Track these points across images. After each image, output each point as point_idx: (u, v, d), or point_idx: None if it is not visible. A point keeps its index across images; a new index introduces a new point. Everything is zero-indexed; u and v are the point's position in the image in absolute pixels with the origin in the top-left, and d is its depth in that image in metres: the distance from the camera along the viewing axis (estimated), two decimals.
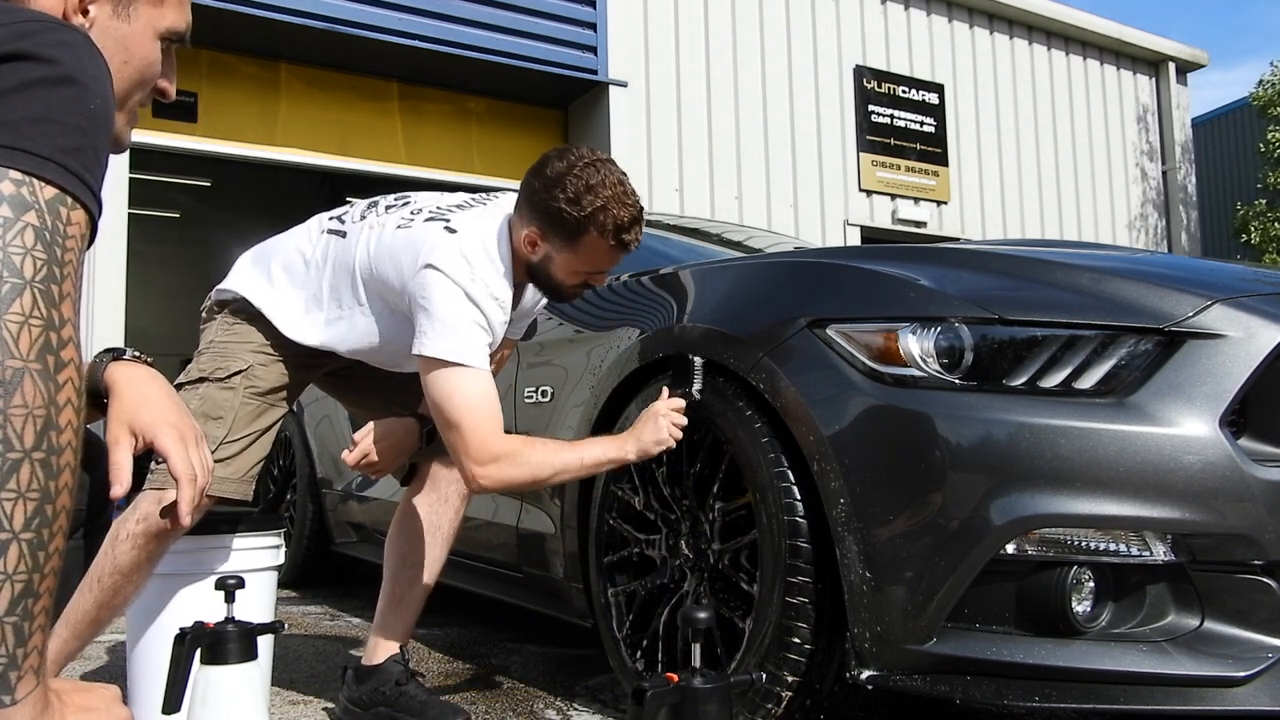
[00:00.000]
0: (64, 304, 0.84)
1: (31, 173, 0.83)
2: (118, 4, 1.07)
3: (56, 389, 0.82)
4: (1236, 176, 16.37)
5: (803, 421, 1.62)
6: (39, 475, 0.81)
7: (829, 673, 1.65)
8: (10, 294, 0.80)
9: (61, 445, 0.83)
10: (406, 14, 7.09)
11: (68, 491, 0.84)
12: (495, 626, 3.05)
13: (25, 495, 0.80)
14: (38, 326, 0.82)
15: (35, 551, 0.81)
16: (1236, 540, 1.42)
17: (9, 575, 0.79)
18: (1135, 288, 1.57)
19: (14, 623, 0.80)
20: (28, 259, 0.82)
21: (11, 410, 0.79)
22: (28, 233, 0.82)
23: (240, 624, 1.39)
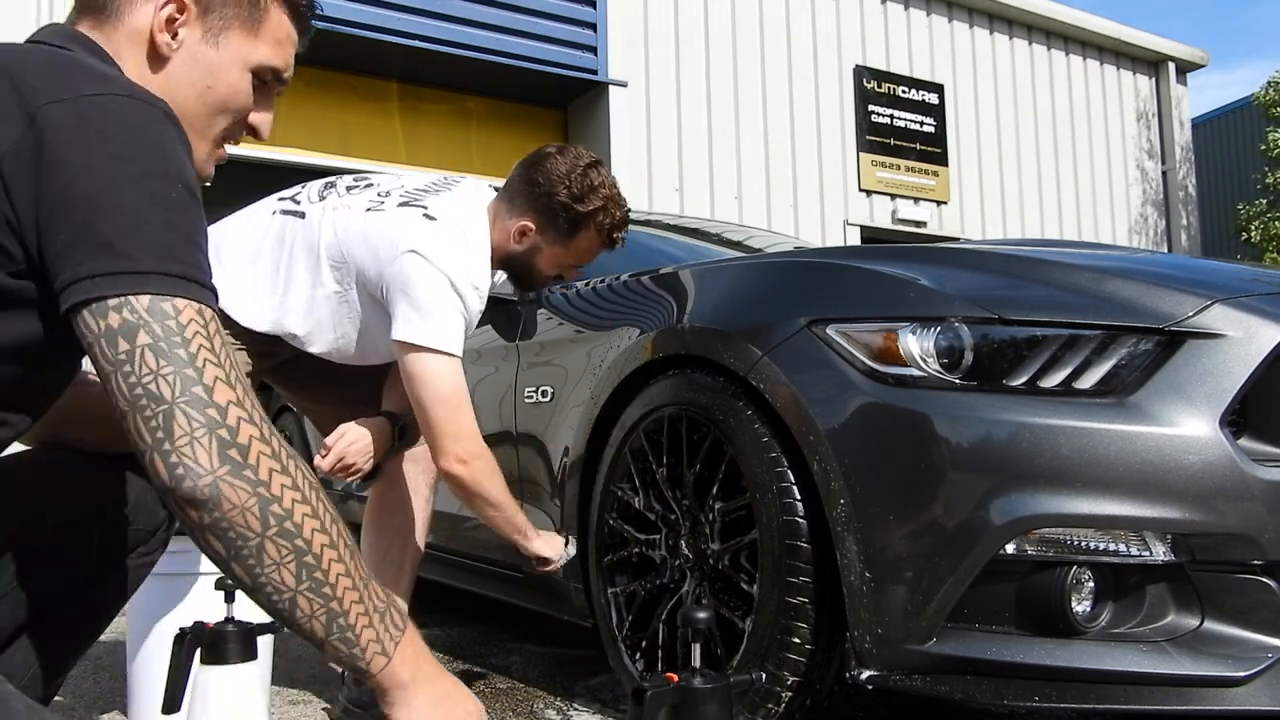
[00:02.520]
0: (216, 392, 0.85)
1: (124, 293, 0.84)
2: (208, 30, 1.07)
3: (254, 472, 0.85)
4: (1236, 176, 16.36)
5: (803, 421, 1.62)
6: (283, 544, 0.87)
7: (829, 673, 1.65)
8: (165, 422, 0.83)
9: (286, 510, 0.87)
10: (406, 14, 7.10)
11: (318, 532, 0.89)
12: (495, 626, 3.05)
13: (282, 563, 0.87)
14: (204, 437, 0.84)
15: (320, 589, 0.89)
16: (1236, 540, 1.41)
17: (310, 616, 0.89)
18: (1135, 288, 1.57)
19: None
20: (159, 382, 0.83)
21: (229, 514, 0.84)
22: (147, 355, 0.84)
23: (240, 624, 1.38)
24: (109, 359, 0.84)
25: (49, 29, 1.05)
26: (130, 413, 0.84)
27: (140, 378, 0.83)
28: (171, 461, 0.83)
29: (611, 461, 2.06)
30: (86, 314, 0.84)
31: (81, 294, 0.84)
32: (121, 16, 1.04)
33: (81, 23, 1.06)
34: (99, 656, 2.57)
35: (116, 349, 0.83)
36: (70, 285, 0.84)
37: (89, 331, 0.84)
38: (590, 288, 2.46)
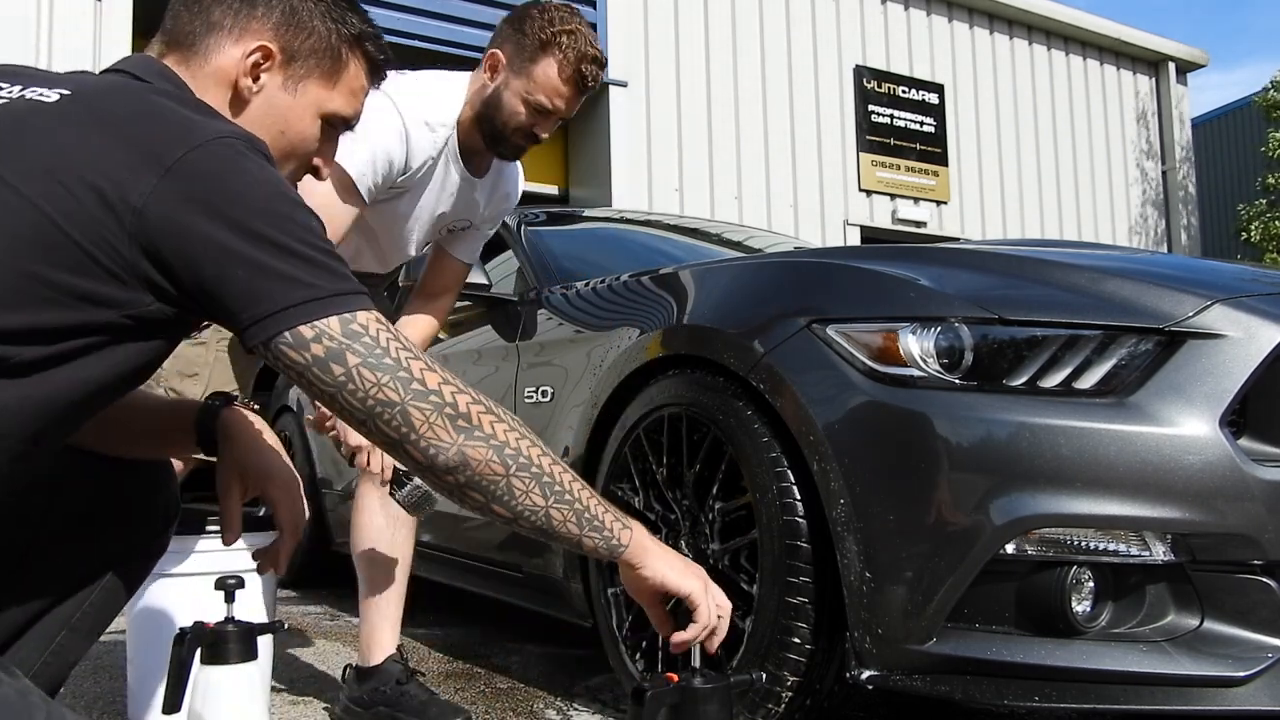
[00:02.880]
0: (428, 380, 0.97)
1: (316, 318, 0.93)
2: (288, 77, 1.12)
3: (481, 429, 0.99)
4: (1237, 177, 16.36)
5: (803, 421, 1.62)
6: (523, 475, 1.01)
7: (829, 673, 1.65)
8: (405, 419, 0.96)
9: (515, 447, 1.01)
10: (406, 14, 7.10)
11: (541, 454, 1.03)
12: (495, 626, 3.05)
13: (529, 491, 1.02)
14: (437, 419, 0.97)
15: (563, 496, 1.05)
16: (1236, 540, 1.41)
17: (565, 520, 1.05)
18: (1135, 287, 1.57)
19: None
20: (383, 390, 0.95)
21: (478, 469, 1.00)
22: (364, 372, 0.95)
23: (240, 624, 1.38)
24: (328, 383, 0.95)
25: (137, 62, 1.08)
26: (369, 420, 0.97)
27: (368, 393, 0.95)
28: (422, 446, 0.97)
29: (611, 461, 2.06)
30: (285, 348, 0.93)
31: (280, 325, 0.92)
32: (208, 57, 1.09)
33: (168, 56, 1.10)
34: (99, 656, 2.57)
35: (333, 374, 0.94)
36: (266, 318, 0.92)
37: (297, 363, 0.94)
38: (590, 288, 2.46)
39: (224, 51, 1.09)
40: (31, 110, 0.92)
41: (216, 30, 1.09)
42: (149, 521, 1.28)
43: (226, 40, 1.09)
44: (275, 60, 1.10)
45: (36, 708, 0.88)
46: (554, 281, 2.71)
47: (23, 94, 0.94)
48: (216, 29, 1.09)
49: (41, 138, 0.89)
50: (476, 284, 2.72)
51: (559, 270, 2.81)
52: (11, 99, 0.94)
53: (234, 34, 1.09)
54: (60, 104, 0.92)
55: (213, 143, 0.92)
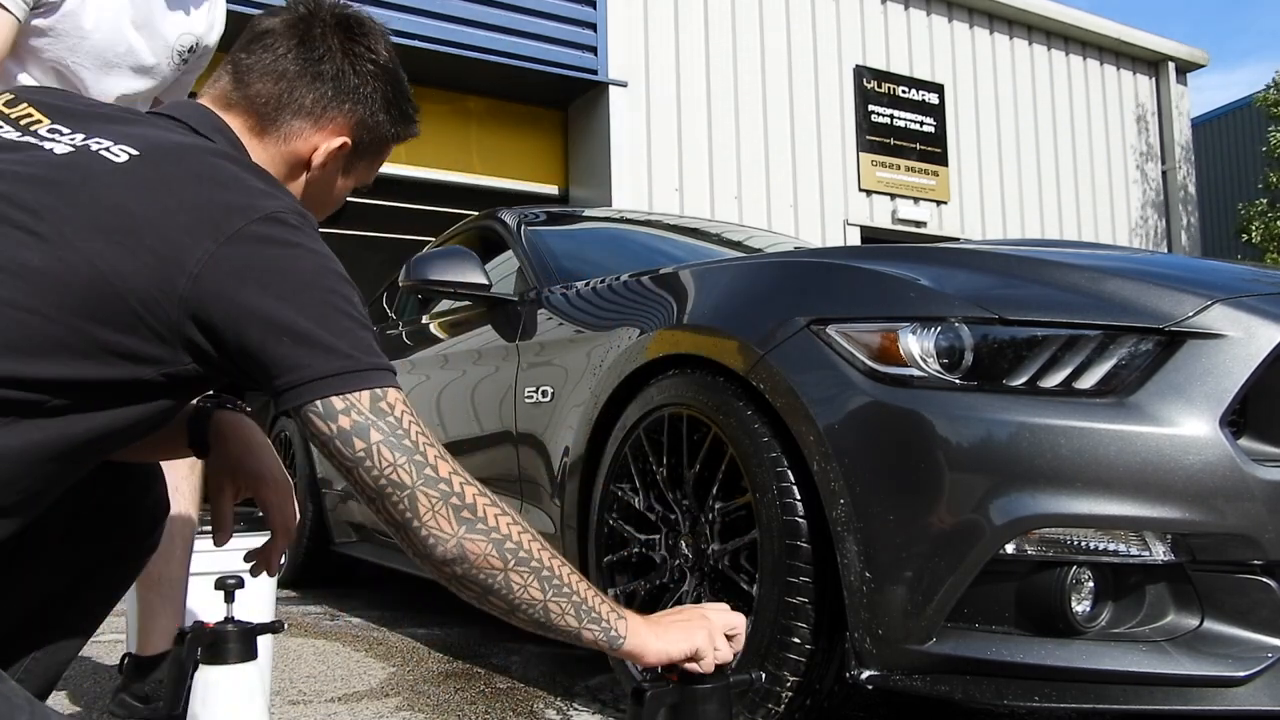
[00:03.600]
0: (440, 468, 0.99)
1: (348, 391, 0.96)
2: (348, 165, 1.21)
3: (484, 522, 1.00)
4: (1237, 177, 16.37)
5: (803, 421, 1.62)
6: (522, 569, 1.03)
7: (829, 673, 1.65)
8: (411, 504, 0.97)
9: (515, 540, 1.03)
10: (406, 14, 7.10)
11: (540, 548, 1.05)
12: (495, 626, 3.05)
13: (527, 585, 1.04)
14: (442, 508, 0.98)
15: (561, 589, 1.07)
16: (1236, 540, 1.41)
17: (563, 614, 1.07)
18: (1135, 287, 1.57)
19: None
20: (398, 472, 0.97)
21: (476, 563, 1.01)
22: (383, 451, 0.97)
23: (240, 624, 1.38)
24: (348, 456, 0.97)
25: (196, 114, 1.10)
26: (378, 499, 0.98)
27: (382, 471, 0.97)
28: (422, 535, 0.98)
29: (612, 461, 2.06)
30: (314, 417, 0.96)
31: (315, 393, 0.95)
32: (288, 139, 1.14)
33: (234, 115, 1.13)
34: (99, 656, 2.57)
35: (354, 448, 0.96)
36: (302, 385, 0.95)
37: (322, 432, 0.96)
38: (590, 288, 2.46)
39: (305, 137, 1.15)
40: (99, 169, 0.94)
41: (303, 115, 1.14)
42: (138, 522, 1.28)
43: (309, 126, 1.14)
44: (347, 150, 1.18)
45: (20, 709, 0.88)
46: (554, 281, 2.71)
47: (87, 144, 0.96)
48: (303, 113, 1.14)
49: (105, 197, 0.92)
50: (476, 284, 2.73)
51: (559, 270, 2.81)
52: (76, 148, 0.96)
53: (318, 122, 1.15)
54: (128, 165, 0.94)
55: (271, 217, 0.95)
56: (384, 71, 1.19)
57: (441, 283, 2.71)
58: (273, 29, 1.14)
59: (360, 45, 1.17)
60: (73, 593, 1.24)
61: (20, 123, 1.00)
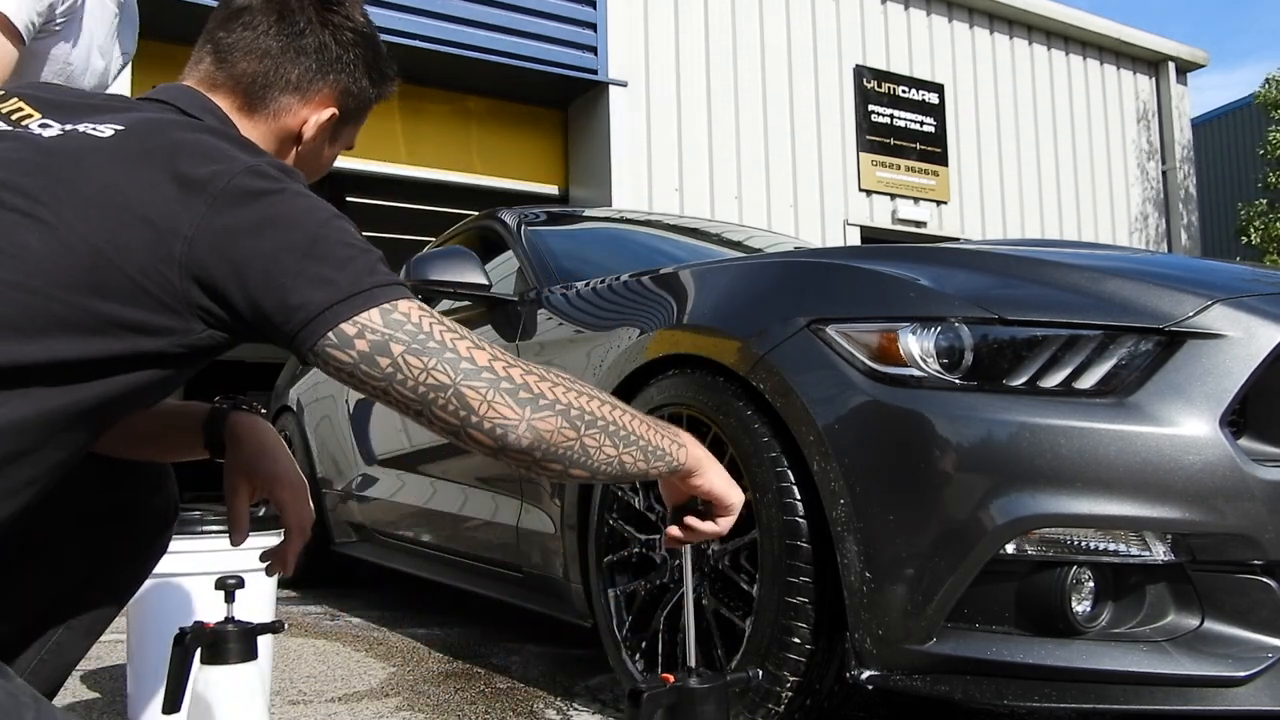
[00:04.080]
0: (476, 357, 0.97)
1: (350, 316, 0.94)
2: (335, 133, 1.23)
3: (543, 397, 0.98)
4: (1237, 176, 16.37)
5: (803, 421, 1.62)
6: (593, 431, 1.01)
7: (829, 673, 1.65)
8: (461, 401, 0.95)
9: (579, 407, 1.01)
10: (406, 14, 7.09)
11: (601, 403, 1.04)
12: (495, 626, 3.05)
13: (601, 445, 1.02)
14: (494, 395, 0.95)
15: (630, 439, 1.06)
16: (1236, 540, 1.42)
17: (635, 460, 1.07)
18: (1135, 287, 1.57)
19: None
20: (431, 375, 0.95)
21: (553, 440, 0.99)
22: (410, 359, 0.94)
23: (240, 624, 1.38)
24: (378, 378, 0.95)
25: (182, 95, 1.11)
26: (424, 409, 0.95)
27: (417, 380, 0.94)
28: (488, 428, 0.95)
29: None
30: (332, 350, 0.94)
31: (325, 325, 0.93)
32: (278, 115, 1.15)
33: (220, 95, 1.13)
34: (99, 656, 2.57)
35: (380, 368, 0.94)
36: (311, 321, 0.93)
37: (345, 363, 0.95)
38: (590, 288, 2.46)
39: (293, 112, 1.16)
40: (87, 146, 0.95)
41: (290, 90, 1.15)
42: (148, 523, 1.29)
43: (296, 100, 1.16)
44: (335, 120, 1.19)
45: (26, 707, 0.89)
46: (554, 281, 2.71)
47: (75, 128, 0.97)
48: (290, 89, 1.15)
49: (96, 173, 0.93)
50: (476, 284, 2.73)
51: (559, 270, 2.81)
52: (65, 133, 0.97)
53: (305, 96, 1.16)
54: (114, 140, 0.95)
55: (251, 170, 0.96)
56: (363, 37, 1.20)
57: (441, 283, 2.71)
58: (250, 6, 1.14)
59: (337, 14, 1.17)
60: (81, 593, 1.24)
61: (11, 117, 1.01)
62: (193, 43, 1.19)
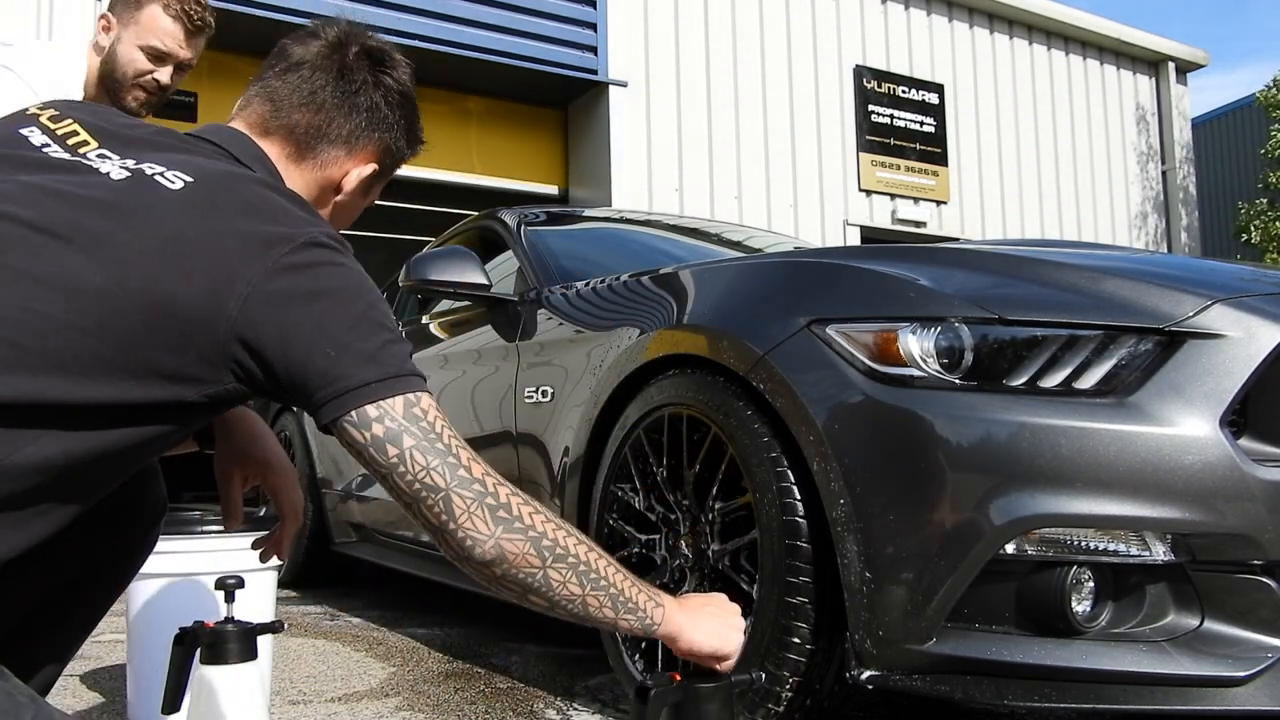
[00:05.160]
0: (472, 469, 1.01)
1: (374, 400, 0.98)
2: (371, 186, 1.27)
3: (520, 521, 1.03)
4: (1237, 176, 16.36)
5: (803, 421, 1.62)
6: (560, 565, 1.05)
7: (829, 673, 1.65)
8: (446, 506, 1.00)
9: (551, 538, 1.04)
10: (406, 14, 7.09)
11: (576, 542, 1.07)
12: (495, 626, 3.05)
13: (566, 581, 1.05)
14: (477, 509, 1.00)
15: (598, 583, 1.08)
16: (1236, 540, 1.41)
17: (600, 606, 1.09)
18: (1135, 287, 1.57)
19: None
20: (431, 475, 0.99)
21: (515, 563, 1.03)
22: (416, 456, 0.99)
23: (240, 624, 1.38)
24: (382, 463, 0.99)
25: (235, 141, 1.14)
26: (414, 503, 1.00)
27: (416, 475, 0.99)
28: (459, 537, 1.01)
29: (611, 461, 2.06)
30: (349, 427, 0.98)
31: (351, 404, 0.98)
32: (324, 166, 1.20)
33: (272, 142, 1.17)
34: (99, 656, 2.57)
35: (387, 455, 0.99)
36: (341, 395, 0.98)
37: (357, 441, 0.99)
38: (590, 288, 2.46)
39: (339, 164, 1.21)
40: (157, 195, 0.97)
41: (339, 144, 1.20)
42: (138, 519, 1.30)
43: (343, 154, 1.21)
44: (374, 173, 1.25)
45: (24, 707, 0.89)
46: (554, 281, 2.71)
47: (141, 169, 0.99)
48: (339, 142, 1.20)
49: (164, 224, 0.95)
50: (476, 284, 2.73)
51: (559, 270, 2.81)
52: (131, 173, 0.99)
53: (351, 150, 1.21)
54: (184, 192, 0.98)
55: (313, 242, 1.00)
56: (407, 101, 1.27)
57: (441, 283, 2.71)
58: (308, 60, 1.19)
59: (389, 77, 1.24)
60: (73, 590, 1.25)
61: (68, 142, 1.03)
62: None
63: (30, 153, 1.00)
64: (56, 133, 1.04)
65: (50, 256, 0.90)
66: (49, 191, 0.94)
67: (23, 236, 0.90)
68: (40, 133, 1.03)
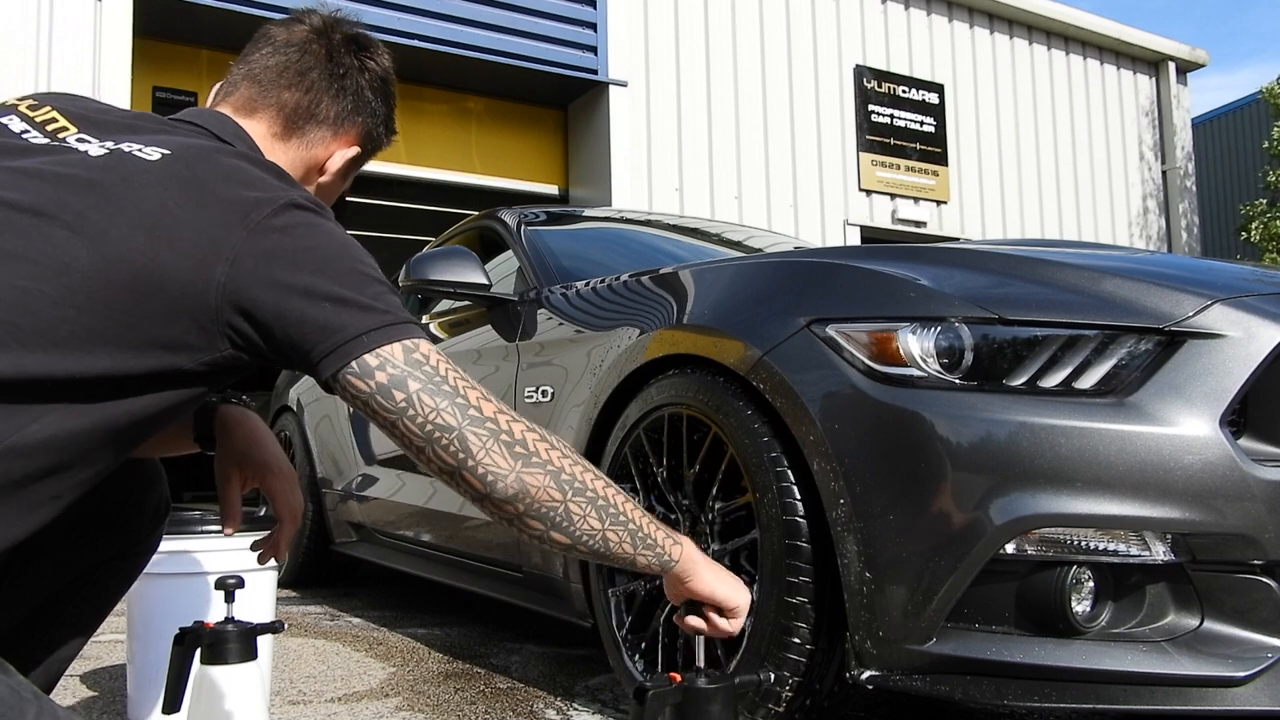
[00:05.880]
0: (484, 407, 1.01)
1: (374, 347, 0.98)
2: (350, 169, 1.29)
3: (538, 455, 1.02)
4: (1238, 176, 16.37)
5: (803, 421, 1.62)
6: (579, 499, 1.04)
7: (829, 673, 1.65)
8: (462, 444, 0.99)
9: (570, 472, 1.04)
10: (406, 14, 7.09)
11: (594, 477, 1.07)
12: (495, 626, 3.05)
13: (586, 515, 1.05)
14: (494, 445, 1.00)
15: (618, 518, 1.08)
16: (1236, 540, 1.41)
17: (620, 541, 1.09)
18: (1135, 287, 1.57)
19: None
20: (441, 415, 0.99)
21: (537, 497, 1.02)
22: (424, 398, 0.99)
23: (240, 624, 1.38)
24: (390, 410, 0.99)
25: (215, 120, 1.15)
26: (428, 446, 1.00)
27: (426, 418, 0.99)
28: (480, 474, 1.00)
29: (612, 461, 2.06)
30: (351, 378, 0.98)
31: (350, 354, 0.98)
32: (310, 146, 1.22)
33: (259, 119, 1.18)
34: (99, 656, 2.57)
35: (394, 400, 0.99)
36: (339, 348, 0.98)
37: (362, 391, 0.99)
38: (590, 287, 2.46)
39: (324, 144, 1.23)
40: (136, 168, 0.98)
41: (326, 125, 1.22)
42: (140, 519, 1.30)
43: (329, 134, 1.23)
44: (355, 157, 1.27)
45: (28, 703, 0.89)
46: (554, 281, 2.71)
47: (119, 148, 1.00)
48: (326, 123, 1.22)
49: (144, 195, 0.96)
50: (476, 284, 2.73)
51: (559, 270, 2.81)
52: (109, 152, 0.99)
53: (336, 132, 1.23)
54: (161, 163, 0.99)
55: (292, 203, 1.01)
56: (389, 88, 1.29)
57: (441, 283, 2.71)
58: (295, 42, 1.20)
59: (374, 62, 1.26)
60: (75, 590, 1.26)
61: (46, 128, 1.03)
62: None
63: (10, 139, 1.00)
64: (35, 119, 1.04)
65: (39, 235, 0.91)
66: (31, 173, 0.95)
67: (10, 219, 0.91)
68: (19, 119, 1.03)
